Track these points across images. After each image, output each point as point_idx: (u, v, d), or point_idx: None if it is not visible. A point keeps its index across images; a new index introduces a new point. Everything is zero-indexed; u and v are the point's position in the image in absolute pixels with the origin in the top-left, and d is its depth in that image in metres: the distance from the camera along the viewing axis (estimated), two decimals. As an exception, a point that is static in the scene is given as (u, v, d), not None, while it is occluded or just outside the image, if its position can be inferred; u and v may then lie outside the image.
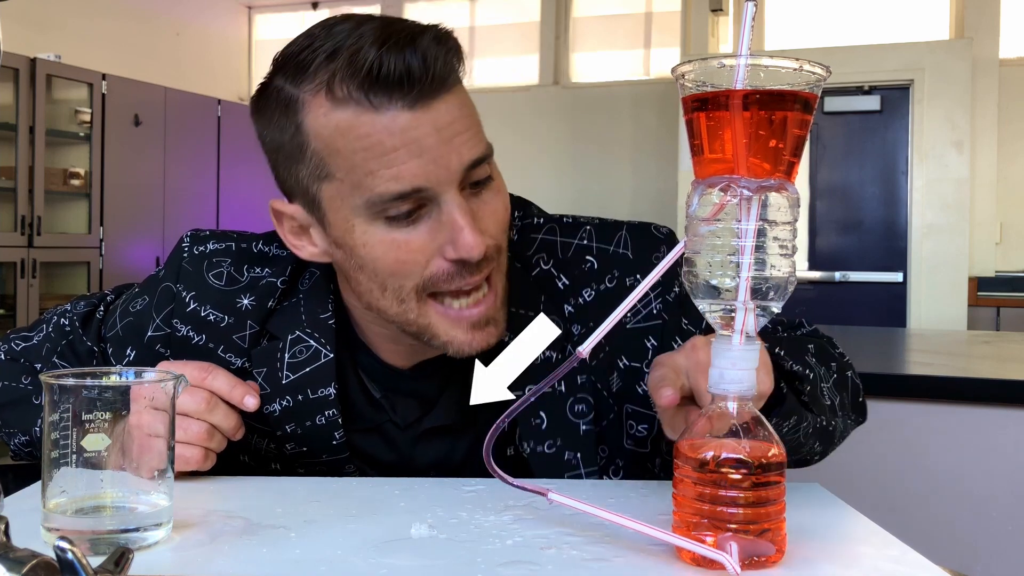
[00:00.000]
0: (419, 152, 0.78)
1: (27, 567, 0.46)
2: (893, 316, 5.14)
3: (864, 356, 2.51)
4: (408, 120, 0.78)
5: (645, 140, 6.02)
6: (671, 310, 0.94)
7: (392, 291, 0.84)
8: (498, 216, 0.85)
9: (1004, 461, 1.81)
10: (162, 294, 0.97)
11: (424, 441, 0.95)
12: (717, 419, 0.64)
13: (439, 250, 0.81)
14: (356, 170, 0.79)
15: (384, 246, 0.81)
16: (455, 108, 0.81)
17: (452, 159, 0.80)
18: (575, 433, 0.91)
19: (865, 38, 5.44)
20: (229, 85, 6.86)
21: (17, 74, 4.57)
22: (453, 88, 0.81)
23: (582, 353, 0.69)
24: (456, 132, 0.80)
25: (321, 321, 0.92)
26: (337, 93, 0.78)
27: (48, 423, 0.66)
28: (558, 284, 0.94)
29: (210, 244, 0.98)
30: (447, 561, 0.65)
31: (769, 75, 0.61)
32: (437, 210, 0.81)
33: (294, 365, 0.92)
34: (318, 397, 0.91)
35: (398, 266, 0.82)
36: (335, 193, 0.82)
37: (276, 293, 0.94)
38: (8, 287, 4.67)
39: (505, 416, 0.72)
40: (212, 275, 0.96)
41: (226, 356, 0.94)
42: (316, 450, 0.93)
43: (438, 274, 0.82)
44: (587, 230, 0.97)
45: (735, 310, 0.62)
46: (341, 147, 0.79)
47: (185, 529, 0.71)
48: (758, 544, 0.63)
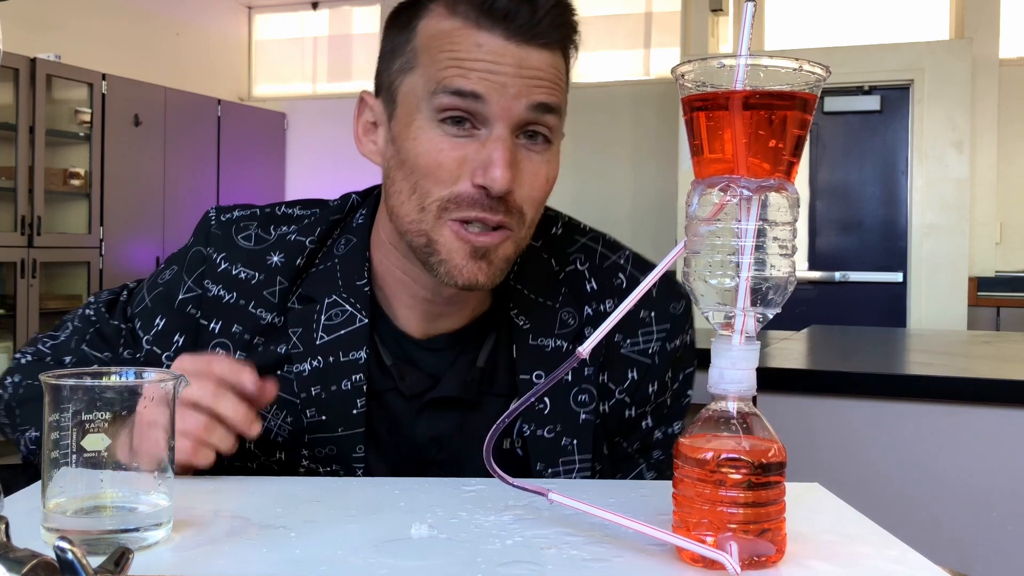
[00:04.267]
0: (494, 72, 0.85)
1: (27, 567, 0.46)
2: (893, 316, 5.14)
3: (864, 356, 2.52)
4: (499, 46, 0.85)
5: (645, 140, 6.02)
6: (664, 357, 1.00)
7: (419, 196, 0.88)
8: (536, 180, 0.89)
9: (1004, 461, 1.81)
10: (192, 258, 1.00)
11: (426, 414, 0.96)
12: (717, 419, 0.64)
13: (471, 172, 0.86)
14: (436, 65, 0.87)
15: (430, 143, 0.87)
16: (547, 63, 0.87)
17: (520, 92, 0.86)
18: (575, 421, 0.95)
19: (865, 38, 5.44)
20: (229, 85, 6.86)
21: (17, 74, 4.57)
22: (552, 47, 0.88)
23: (582, 353, 0.70)
24: (535, 76, 0.86)
25: (357, 288, 0.96)
26: (456, 8, 0.87)
27: (48, 423, 0.66)
28: (587, 286, 1.00)
29: (235, 212, 1.03)
30: (447, 561, 0.65)
31: (769, 75, 0.61)
32: (487, 136, 0.86)
33: (329, 327, 0.95)
34: (348, 360, 0.94)
35: (433, 168, 0.87)
36: (411, 87, 0.89)
37: (304, 252, 0.98)
38: (8, 287, 4.67)
39: (506, 416, 0.72)
40: (241, 237, 1.00)
41: (256, 311, 0.97)
42: (334, 421, 0.93)
43: (462, 195, 0.86)
44: (626, 254, 1.04)
45: (734, 317, 0.62)
46: (434, 46, 0.87)
47: (185, 529, 0.71)
48: (758, 544, 0.63)
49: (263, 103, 6.89)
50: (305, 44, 7.13)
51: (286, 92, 7.12)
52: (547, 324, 0.97)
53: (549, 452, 0.94)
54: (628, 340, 0.98)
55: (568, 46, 0.91)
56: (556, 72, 0.89)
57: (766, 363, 2.08)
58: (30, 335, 4.61)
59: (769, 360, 2.14)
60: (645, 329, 0.99)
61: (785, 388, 1.96)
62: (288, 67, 7.15)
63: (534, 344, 0.96)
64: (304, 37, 7.14)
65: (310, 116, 6.81)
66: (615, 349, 0.98)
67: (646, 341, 0.99)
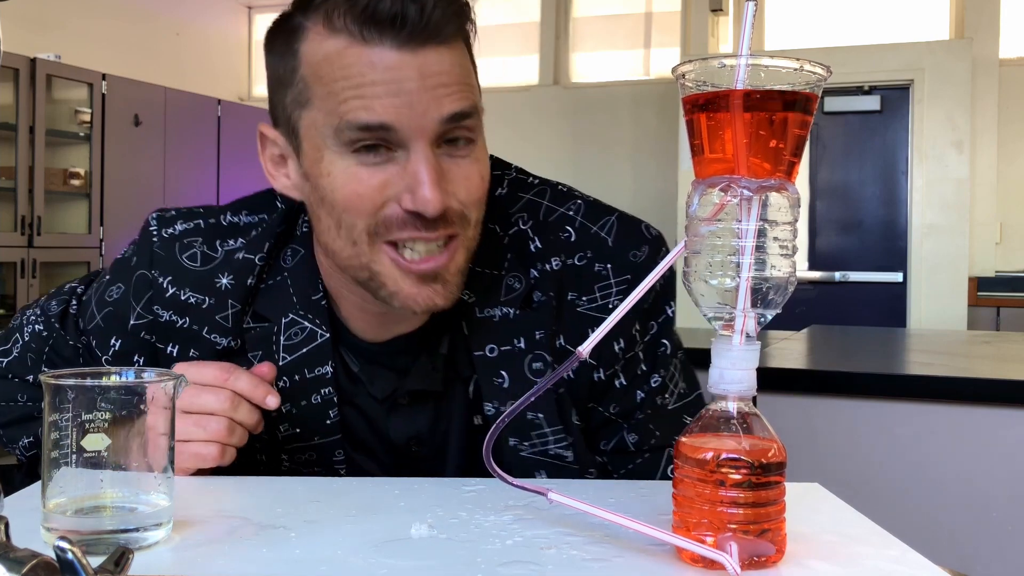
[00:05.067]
0: (397, 92, 0.79)
1: (27, 567, 0.46)
2: (893, 316, 5.14)
3: (864, 356, 2.52)
4: (394, 59, 0.79)
5: (645, 140, 6.02)
6: (628, 311, 0.94)
7: (346, 229, 0.83)
8: (470, 183, 0.84)
9: (1004, 461, 1.81)
10: (138, 281, 0.96)
11: (400, 413, 0.95)
12: (717, 419, 0.64)
13: (397, 196, 0.81)
14: (333, 97, 0.80)
15: (345, 177, 0.81)
16: (446, 60, 0.81)
17: (430, 108, 0.79)
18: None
19: (865, 38, 5.44)
20: (229, 85, 6.86)
21: (17, 74, 4.57)
22: (450, 42, 0.81)
23: (582, 354, 0.69)
24: (441, 83, 0.80)
25: (313, 303, 0.93)
26: (335, 23, 0.80)
27: (48, 423, 0.66)
28: (530, 246, 0.93)
29: (178, 225, 0.96)
30: (447, 561, 0.65)
31: (769, 75, 0.61)
32: (405, 158, 0.81)
33: (290, 347, 0.92)
34: (315, 376, 0.92)
35: (353, 199, 0.81)
36: (311, 121, 0.83)
37: (255, 270, 0.93)
38: (8, 287, 4.67)
39: (504, 416, 0.72)
40: (186, 257, 0.95)
41: (211, 337, 0.93)
42: (309, 432, 0.93)
43: (391, 218, 0.82)
44: (577, 203, 0.96)
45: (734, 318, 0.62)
46: (324, 74, 0.81)
47: (185, 529, 0.70)
48: (758, 544, 0.63)
49: (263, 103, 6.86)
50: (305, 44, 7.12)
51: (286, 92, 7.10)
52: (492, 294, 0.91)
53: (519, 427, 0.90)
54: (584, 298, 0.92)
55: (467, 32, 0.84)
56: (462, 69, 0.83)
57: (766, 363, 2.08)
58: (30, 335, 4.60)
59: (769, 360, 2.14)
60: (602, 283, 0.92)
61: (785, 388, 1.96)
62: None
63: (481, 316, 0.91)
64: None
65: (310, 116, 6.80)
66: (570, 308, 0.92)
67: (604, 297, 0.92)
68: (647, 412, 0.95)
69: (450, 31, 0.81)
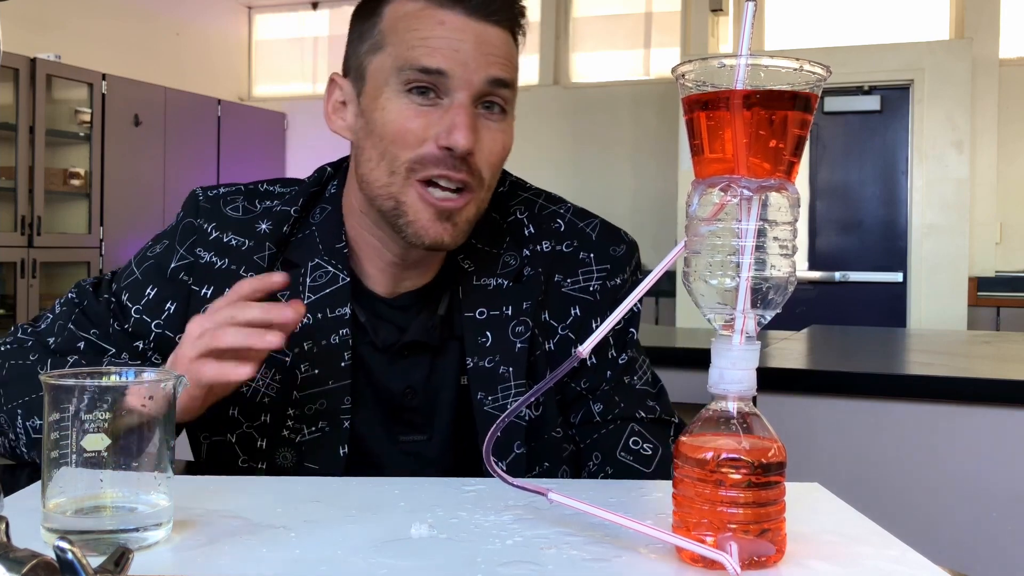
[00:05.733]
0: (457, 47, 0.93)
1: (27, 567, 0.46)
2: (893, 316, 5.14)
3: (864, 356, 2.51)
4: (460, 23, 0.94)
5: (645, 140, 6.02)
6: (605, 294, 1.07)
7: (387, 161, 0.95)
8: (493, 147, 0.97)
9: (1004, 461, 1.81)
10: (184, 229, 1.06)
11: (399, 364, 1.03)
12: (717, 419, 0.64)
13: (436, 136, 0.93)
14: (403, 43, 0.95)
15: (397, 112, 0.94)
16: (501, 41, 0.96)
17: (480, 67, 0.94)
18: (512, 350, 1.02)
19: (865, 38, 5.44)
20: (229, 85, 6.86)
21: (17, 74, 4.57)
22: (504, 27, 0.97)
23: (582, 353, 0.70)
24: (492, 52, 0.95)
25: (336, 250, 1.04)
26: None
27: (48, 423, 0.66)
28: (525, 231, 1.08)
29: (221, 189, 1.10)
30: (447, 561, 0.65)
31: (769, 75, 0.61)
32: (449, 103, 0.94)
33: (315, 287, 1.02)
34: (335, 316, 1.01)
35: (401, 134, 0.94)
36: (379, 65, 0.96)
37: (290, 220, 1.05)
38: (8, 287, 4.67)
39: (505, 416, 0.72)
40: (229, 208, 1.07)
41: (247, 275, 1.01)
42: (324, 374, 0.99)
43: (427, 156, 0.94)
44: (567, 206, 1.11)
45: (734, 318, 0.62)
46: (400, 27, 0.95)
47: (185, 529, 0.71)
48: (758, 544, 0.63)
49: (263, 103, 6.89)
50: (305, 44, 7.13)
51: (286, 92, 7.12)
52: (490, 266, 1.04)
53: (489, 381, 1.00)
54: (569, 280, 1.06)
55: (517, 30, 0.99)
56: (509, 50, 0.97)
57: (766, 363, 2.08)
58: (30, 335, 4.60)
59: (769, 360, 2.14)
60: (585, 269, 1.07)
61: (785, 388, 1.96)
62: (288, 67, 7.15)
63: (477, 284, 1.03)
64: (304, 37, 7.14)
65: (310, 116, 6.81)
66: (556, 288, 1.06)
67: (586, 280, 1.07)
68: (612, 385, 1.06)
69: (507, 18, 0.97)
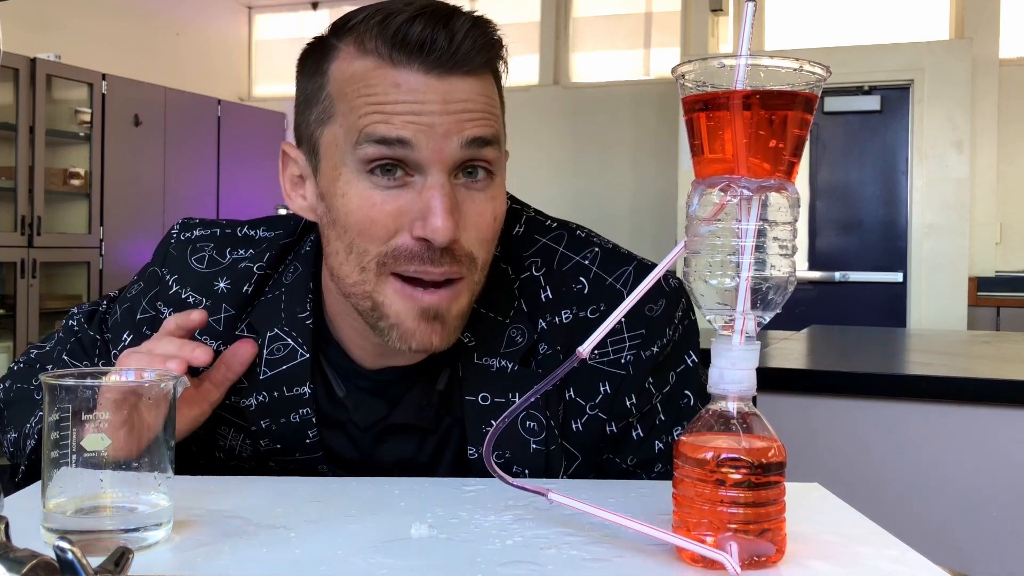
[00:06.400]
0: (419, 112, 0.79)
1: (27, 567, 0.46)
2: (893, 316, 5.14)
3: (864, 356, 2.52)
4: (419, 83, 0.79)
5: (645, 140, 6.01)
6: (640, 366, 0.91)
7: (356, 255, 0.82)
8: (482, 220, 0.83)
9: (1004, 461, 1.81)
10: (150, 278, 1.00)
11: (385, 440, 0.94)
12: (717, 418, 0.64)
13: (409, 224, 0.80)
14: (355, 112, 0.81)
15: (360, 200, 0.81)
16: (475, 91, 0.81)
17: (450, 131, 0.79)
18: (525, 450, 0.89)
19: (865, 38, 5.44)
20: (229, 85, 6.86)
21: (17, 74, 4.57)
22: (477, 73, 0.82)
23: (582, 353, 0.70)
24: (464, 110, 0.80)
25: (299, 321, 0.92)
26: (365, 45, 0.81)
27: (48, 423, 0.66)
28: (541, 295, 0.92)
29: (196, 231, 1.00)
30: (447, 561, 0.65)
31: (769, 75, 0.61)
32: (421, 184, 0.80)
33: (271, 362, 0.92)
34: (293, 395, 0.91)
35: (367, 224, 0.81)
36: (332, 138, 0.83)
37: (252, 279, 0.95)
38: (8, 287, 4.67)
39: (506, 416, 0.72)
40: (195, 259, 0.98)
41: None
42: (289, 447, 0.93)
43: (401, 248, 0.81)
44: (594, 251, 0.94)
45: (734, 318, 0.62)
46: (350, 91, 0.81)
47: (185, 529, 0.71)
48: (758, 544, 0.63)
49: (263, 103, 6.88)
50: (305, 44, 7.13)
51: (286, 92, 7.10)
52: (493, 342, 0.90)
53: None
54: (597, 351, 0.89)
55: (496, 65, 0.85)
56: (487, 99, 0.83)
57: (766, 363, 2.08)
58: (30, 335, 4.61)
59: (769, 360, 2.14)
60: (615, 337, 0.90)
61: (785, 388, 1.96)
62: (288, 67, 7.04)
63: (479, 363, 0.90)
64: (304, 37, 7.05)
65: (310, 116, 6.80)
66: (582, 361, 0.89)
67: (616, 351, 0.90)
68: (668, 465, 0.92)
69: (478, 63, 0.82)
